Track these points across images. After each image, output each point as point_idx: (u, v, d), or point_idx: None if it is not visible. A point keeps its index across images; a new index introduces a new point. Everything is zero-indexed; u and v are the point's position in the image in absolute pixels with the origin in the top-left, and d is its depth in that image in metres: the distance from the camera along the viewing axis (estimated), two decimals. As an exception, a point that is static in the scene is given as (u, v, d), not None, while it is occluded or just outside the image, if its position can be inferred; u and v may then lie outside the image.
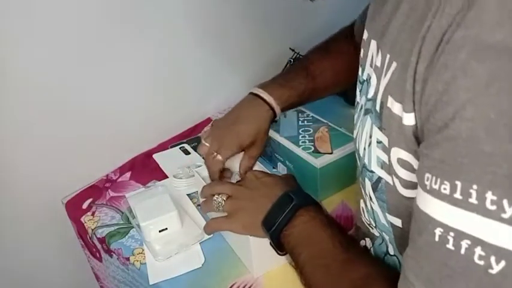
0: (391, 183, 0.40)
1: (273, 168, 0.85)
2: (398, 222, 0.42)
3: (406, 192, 0.39)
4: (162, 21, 0.91)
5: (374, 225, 0.48)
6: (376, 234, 0.50)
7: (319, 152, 0.75)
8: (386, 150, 0.40)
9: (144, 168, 0.90)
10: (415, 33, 0.35)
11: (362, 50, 0.50)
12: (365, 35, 0.49)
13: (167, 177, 0.86)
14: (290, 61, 1.14)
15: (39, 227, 0.87)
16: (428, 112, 0.33)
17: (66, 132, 0.84)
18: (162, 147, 0.96)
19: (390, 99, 0.38)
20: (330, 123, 0.83)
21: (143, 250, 0.71)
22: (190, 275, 0.66)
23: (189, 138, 0.97)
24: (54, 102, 0.80)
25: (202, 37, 0.99)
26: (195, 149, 0.92)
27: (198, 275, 0.66)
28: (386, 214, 0.42)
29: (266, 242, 0.56)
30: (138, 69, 0.90)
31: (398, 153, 0.38)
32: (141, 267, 0.69)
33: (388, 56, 0.41)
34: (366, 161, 0.44)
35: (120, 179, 0.89)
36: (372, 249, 0.52)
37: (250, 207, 0.57)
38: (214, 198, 0.60)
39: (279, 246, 0.54)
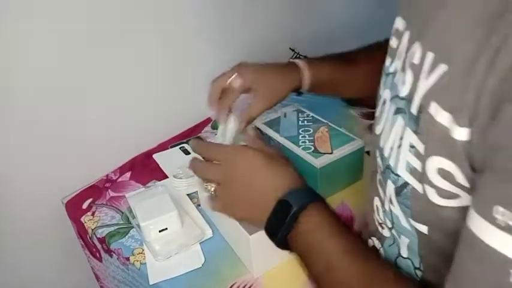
0: (421, 191, 0.37)
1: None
2: (423, 228, 0.39)
3: (443, 202, 0.36)
4: (162, 22, 0.91)
5: (390, 226, 0.45)
6: (386, 235, 0.47)
7: (319, 152, 0.75)
8: (421, 157, 0.36)
9: (144, 168, 0.90)
10: (480, 37, 0.31)
11: (394, 40, 0.45)
12: (400, 24, 0.44)
13: (167, 177, 0.86)
14: (290, 61, 1.14)
15: (39, 227, 0.87)
16: (502, 135, 0.29)
17: (66, 132, 0.84)
18: (162, 147, 0.96)
19: (434, 106, 0.34)
20: (330, 123, 0.83)
21: (143, 250, 0.71)
22: (190, 275, 0.66)
23: (189, 138, 0.97)
24: (54, 103, 0.80)
25: (203, 37, 0.99)
26: (195, 149, 0.92)
27: (198, 275, 0.66)
28: (410, 219, 0.40)
29: (266, 241, 0.56)
30: (138, 70, 0.90)
31: (440, 162, 0.35)
32: (141, 267, 0.69)
33: (431, 54, 0.36)
34: (392, 162, 0.40)
35: (120, 179, 0.89)
36: (381, 249, 0.50)
37: (246, 209, 0.52)
38: (205, 186, 0.56)
39: (286, 247, 0.50)
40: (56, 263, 0.93)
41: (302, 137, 0.80)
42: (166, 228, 0.70)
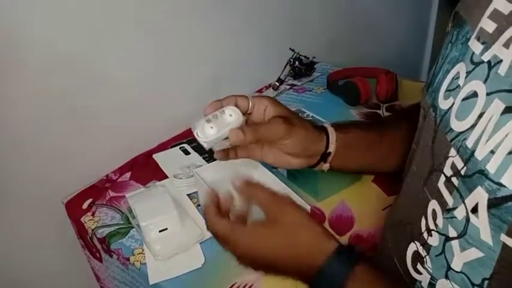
0: None
1: (273, 168, 0.85)
2: None
3: None
4: (162, 22, 0.91)
5: (454, 236, 0.40)
6: (433, 243, 0.43)
7: (319, 152, 0.75)
8: None
9: (144, 168, 0.90)
10: None
11: (490, 23, 0.39)
12: (504, 6, 0.38)
13: (167, 177, 0.85)
14: (290, 61, 1.14)
15: (39, 227, 0.87)
16: None
17: (66, 132, 0.84)
18: (162, 147, 0.96)
19: None
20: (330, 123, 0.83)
21: (143, 250, 0.71)
22: (190, 275, 0.66)
23: (189, 138, 0.97)
24: (54, 102, 0.80)
25: (203, 37, 0.99)
26: (195, 149, 0.92)
27: (198, 275, 0.66)
28: (502, 235, 0.35)
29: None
30: (138, 70, 0.90)
31: None
32: (141, 267, 0.69)
33: None
34: (491, 169, 0.35)
35: (120, 179, 0.89)
36: (426, 257, 0.45)
37: (278, 260, 0.48)
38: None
39: None
40: (56, 263, 0.93)
41: (302, 137, 0.80)
42: (166, 228, 0.70)
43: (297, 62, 1.14)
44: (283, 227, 0.47)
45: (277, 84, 1.13)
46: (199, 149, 0.91)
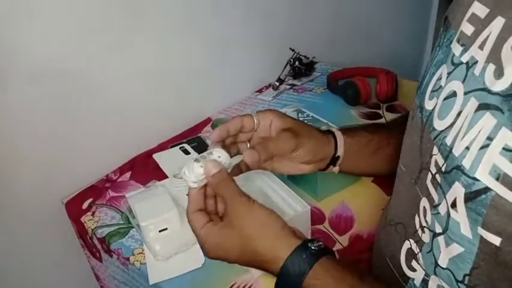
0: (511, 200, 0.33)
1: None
2: (495, 239, 0.35)
3: None
4: (162, 22, 0.91)
5: (439, 232, 0.41)
6: (425, 240, 0.44)
7: (319, 152, 0.75)
8: None
9: (144, 168, 0.90)
10: None
11: (469, 26, 0.41)
12: (480, 10, 0.40)
13: (167, 177, 0.85)
14: (290, 61, 1.15)
15: (39, 227, 0.87)
16: None
17: (66, 132, 0.84)
18: (162, 147, 0.96)
19: None
20: (329, 123, 0.83)
21: (143, 250, 0.71)
22: (190, 274, 0.66)
23: (189, 138, 0.97)
24: (54, 103, 0.80)
25: (202, 37, 0.99)
26: (195, 149, 0.92)
27: (198, 275, 0.66)
28: (479, 228, 0.36)
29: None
30: (138, 70, 0.90)
31: None
32: (141, 267, 0.69)
33: None
34: (467, 164, 0.36)
35: (120, 179, 0.89)
36: (419, 255, 0.46)
37: (242, 258, 0.51)
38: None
39: None
40: (55, 263, 0.93)
41: (302, 137, 0.80)
42: (166, 228, 0.70)
43: (297, 62, 1.14)
44: (239, 232, 0.48)
45: (277, 84, 1.13)
46: (199, 149, 0.91)
